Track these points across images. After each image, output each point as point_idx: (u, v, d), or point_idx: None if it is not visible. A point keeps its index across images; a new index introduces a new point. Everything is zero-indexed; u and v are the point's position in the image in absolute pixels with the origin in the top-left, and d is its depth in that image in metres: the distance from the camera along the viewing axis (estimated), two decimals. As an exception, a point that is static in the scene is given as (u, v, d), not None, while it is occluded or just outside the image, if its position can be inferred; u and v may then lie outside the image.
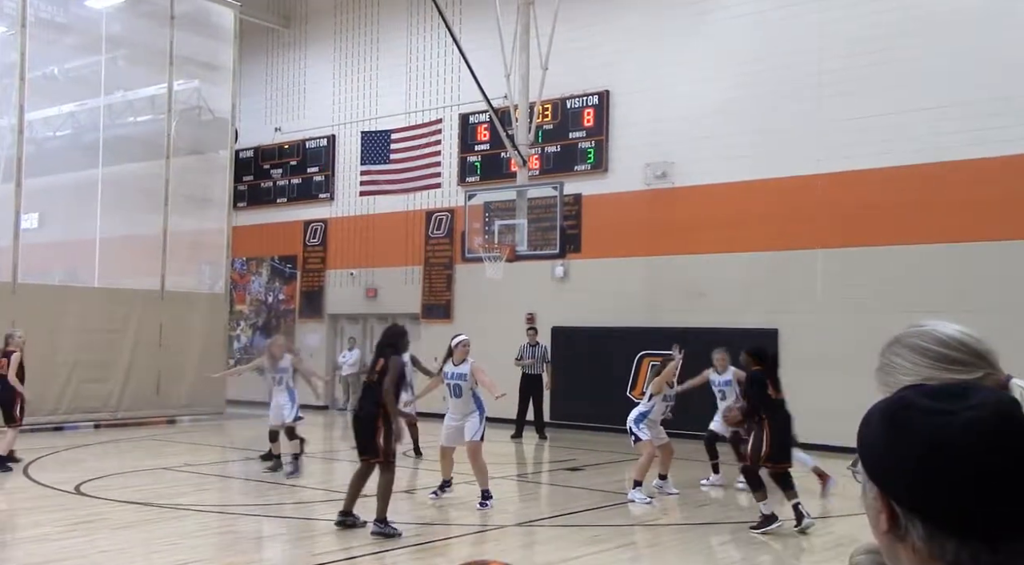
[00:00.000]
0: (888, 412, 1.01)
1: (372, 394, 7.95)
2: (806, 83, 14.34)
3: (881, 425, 1.01)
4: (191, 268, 18.70)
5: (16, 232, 15.61)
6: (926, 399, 0.99)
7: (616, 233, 16.19)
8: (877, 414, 1.03)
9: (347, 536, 8.06)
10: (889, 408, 1.02)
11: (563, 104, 16.90)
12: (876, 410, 1.03)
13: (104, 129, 17.93)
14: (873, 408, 1.04)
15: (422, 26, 18.86)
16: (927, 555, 0.97)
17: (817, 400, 13.81)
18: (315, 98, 21.03)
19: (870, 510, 1.03)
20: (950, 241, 13.03)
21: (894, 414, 1.00)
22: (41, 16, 16.98)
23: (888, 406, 1.02)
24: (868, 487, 1.03)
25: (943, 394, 1.00)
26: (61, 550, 7.03)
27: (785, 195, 14.47)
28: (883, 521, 1.00)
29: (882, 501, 1.00)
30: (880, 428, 1.01)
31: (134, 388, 16.83)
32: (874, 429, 1.02)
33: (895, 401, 1.02)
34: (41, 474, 10.69)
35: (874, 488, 1.01)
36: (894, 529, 0.99)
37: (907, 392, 1.03)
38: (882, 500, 1.00)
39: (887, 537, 1.00)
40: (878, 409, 1.03)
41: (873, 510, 1.02)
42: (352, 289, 20.13)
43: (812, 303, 14.13)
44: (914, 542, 0.97)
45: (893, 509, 0.99)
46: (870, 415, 1.04)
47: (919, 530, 0.97)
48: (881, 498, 1.00)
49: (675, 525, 8.90)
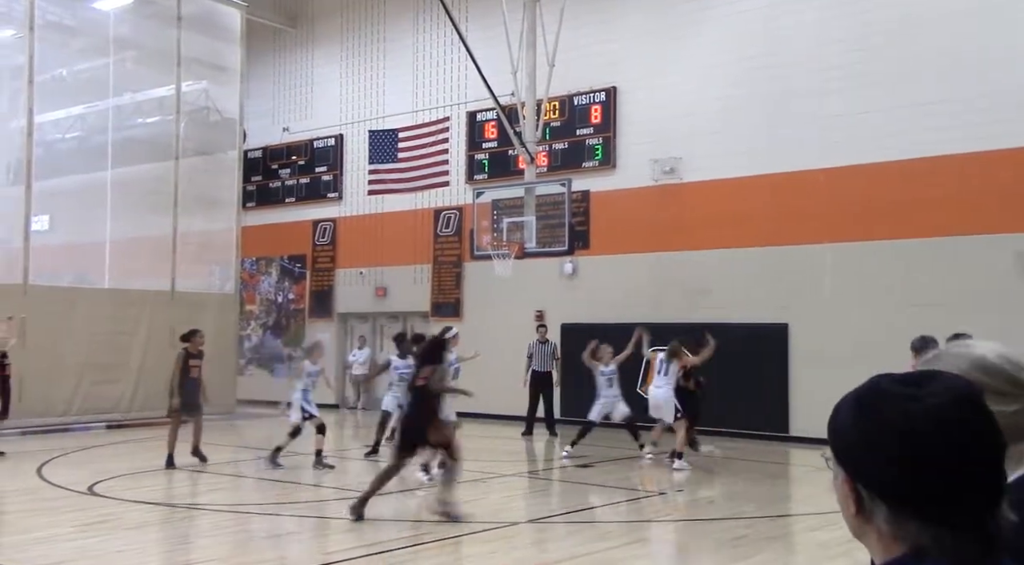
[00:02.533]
0: (857, 397, 1.04)
1: (421, 397, 8.46)
2: (813, 77, 14.29)
3: (851, 411, 1.03)
4: (201, 269, 18.76)
5: (26, 234, 15.69)
6: (894, 385, 1.02)
7: (624, 229, 16.18)
8: (849, 401, 1.05)
9: (360, 534, 8.08)
10: (860, 395, 1.04)
11: (570, 101, 16.89)
12: (848, 397, 1.06)
13: (113, 131, 17.98)
14: (846, 396, 1.06)
15: (429, 24, 18.86)
16: (891, 537, 0.99)
17: (825, 395, 13.75)
18: (322, 98, 21.06)
19: (839, 494, 1.06)
20: (959, 234, 12.97)
21: (861, 399, 1.03)
22: (49, 19, 17.04)
23: (859, 393, 1.04)
24: (837, 471, 1.05)
25: (910, 380, 1.02)
26: (75, 550, 7.06)
27: (793, 190, 14.43)
28: (851, 504, 1.03)
29: (848, 485, 1.02)
30: (850, 414, 1.03)
31: (145, 389, 16.88)
32: (844, 415, 1.04)
33: (865, 388, 1.05)
34: (54, 475, 10.74)
35: (842, 472, 1.03)
36: (861, 512, 1.02)
37: (878, 378, 1.05)
38: (848, 484, 1.02)
39: (856, 520, 1.03)
40: (850, 396, 1.06)
41: (841, 494, 1.05)
42: (361, 288, 20.16)
43: (821, 298, 14.09)
44: (879, 524, 1.00)
45: (859, 492, 1.01)
46: (842, 402, 1.06)
47: (883, 513, 0.99)
48: (848, 482, 1.02)
49: (686, 521, 8.89)
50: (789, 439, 14.14)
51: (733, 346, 14.63)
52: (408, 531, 8.25)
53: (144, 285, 17.38)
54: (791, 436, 14.17)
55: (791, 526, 8.80)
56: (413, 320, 19.46)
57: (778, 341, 14.44)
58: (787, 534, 8.41)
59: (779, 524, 8.74)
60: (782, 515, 9.30)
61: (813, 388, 14.00)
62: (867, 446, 0.99)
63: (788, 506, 10.16)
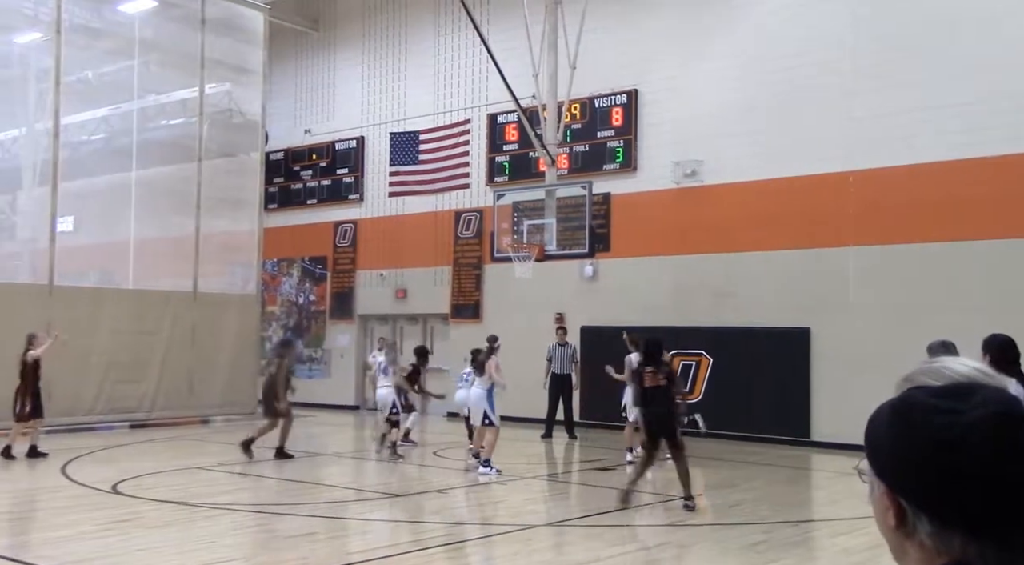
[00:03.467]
0: (896, 410, 1.03)
1: (663, 395, 9.35)
2: (837, 79, 14.19)
3: (889, 423, 1.03)
4: (223, 270, 18.89)
5: (52, 235, 15.86)
6: (933, 398, 1.01)
7: (645, 232, 16.14)
8: (885, 413, 1.05)
9: (382, 535, 8.11)
10: (897, 407, 1.04)
11: (591, 103, 16.87)
12: (884, 409, 1.05)
13: (137, 133, 18.15)
14: (881, 407, 1.06)
15: (450, 27, 18.90)
16: (934, 551, 0.99)
17: (849, 400, 13.68)
18: (344, 100, 21.16)
19: (877, 507, 1.05)
20: (986, 238, 12.83)
21: (901, 412, 1.03)
22: (76, 22, 17.23)
23: (896, 405, 1.04)
24: (875, 485, 1.04)
25: (949, 393, 1.02)
26: (99, 548, 7.13)
27: (816, 193, 14.34)
28: (890, 518, 1.02)
29: (889, 498, 1.02)
30: (887, 426, 1.03)
31: (167, 388, 17.03)
32: (881, 427, 1.04)
33: (902, 400, 1.04)
34: (78, 473, 10.85)
35: (881, 485, 1.03)
36: (902, 526, 1.01)
37: (914, 391, 1.05)
38: (889, 497, 1.02)
39: (895, 533, 1.02)
40: (886, 408, 1.05)
41: (880, 507, 1.04)
42: (382, 290, 20.23)
43: (844, 302, 13.98)
44: (921, 538, 0.99)
45: (901, 506, 1.01)
46: (877, 414, 1.06)
47: (926, 526, 0.99)
48: (888, 495, 1.02)
49: (707, 525, 8.85)
50: (811, 444, 14.04)
51: (755, 350, 14.58)
52: (429, 533, 8.27)
53: (167, 285, 17.53)
54: (813, 441, 14.07)
55: (813, 531, 8.74)
56: (433, 322, 19.50)
57: (800, 345, 14.35)
58: (808, 540, 8.36)
59: (801, 529, 8.68)
60: (804, 520, 9.24)
61: (835, 393, 13.91)
62: (909, 460, 0.99)
63: (810, 511, 10.09)
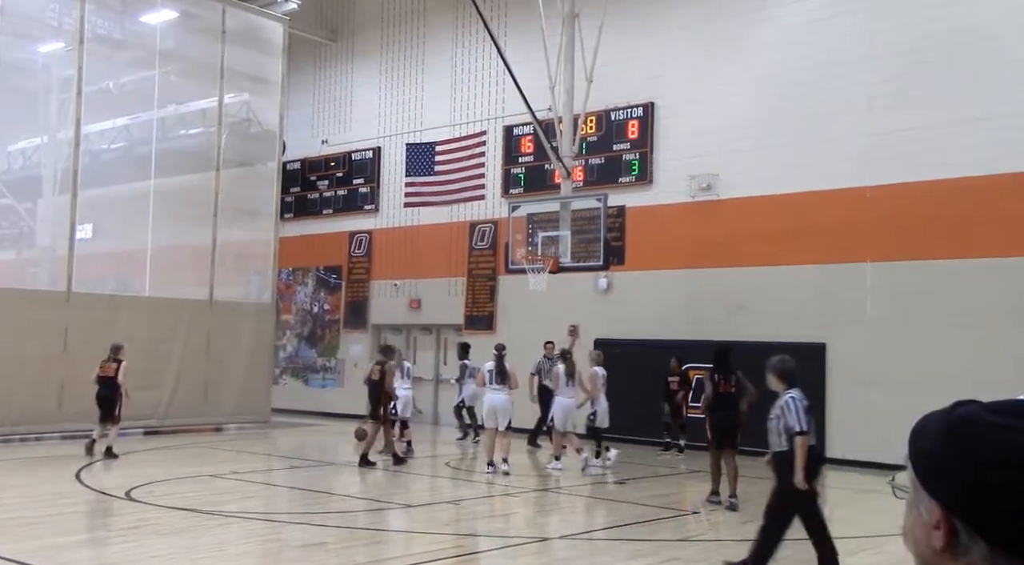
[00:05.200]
0: (952, 425, 0.97)
1: (732, 402, 10.26)
2: (852, 94, 14.16)
3: (944, 438, 0.97)
4: (239, 278, 18.99)
5: (71, 242, 16.00)
6: (992, 414, 0.96)
7: (660, 245, 16.11)
8: (938, 426, 0.98)
9: (391, 546, 8.11)
10: (953, 421, 0.98)
11: (607, 116, 16.89)
12: (935, 422, 0.99)
13: (156, 142, 18.31)
14: (929, 420, 1.00)
15: (467, 39, 18.99)
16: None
17: (864, 417, 13.59)
18: (361, 111, 21.28)
19: (921, 527, 0.98)
20: (1003, 255, 12.74)
21: (958, 427, 0.96)
22: (98, 32, 17.42)
23: (951, 419, 0.98)
24: (922, 502, 0.98)
25: (1009, 410, 0.96)
26: (113, 555, 7.17)
27: (832, 207, 14.28)
28: (937, 538, 0.96)
29: (941, 517, 0.96)
30: (943, 441, 0.97)
31: (182, 396, 17.10)
32: (935, 442, 0.97)
33: (955, 416, 0.98)
34: (93, 479, 10.91)
35: (931, 503, 0.97)
36: (951, 547, 0.95)
37: (965, 407, 0.99)
38: (941, 517, 0.96)
39: (941, 556, 0.96)
40: (938, 421, 0.99)
41: (926, 526, 0.97)
42: (396, 300, 20.28)
43: (861, 318, 13.89)
44: (973, 560, 0.93)
45: (954, 526, 0.95)
46: (926, 427, 1.00)
47: (982, 550, 0.93)
48: (939, 514, 0.96)
49: (718, 541, 8.79)
50: (825, 460, 13.90)
51: (769, 364, 14.48)
52: (440, 544, 8.25)
53: (183, 293, 17.64)
54: (828, 457, 13.95)
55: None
56: (447, 333, 19.52)
57: (816, 361, 14.25)
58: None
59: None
60: (817, 537, 9.13)
61: (850, 409, 13.81)
62: (967, 480, 0.94)
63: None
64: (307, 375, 21.92)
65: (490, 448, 12.20)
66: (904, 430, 1.04)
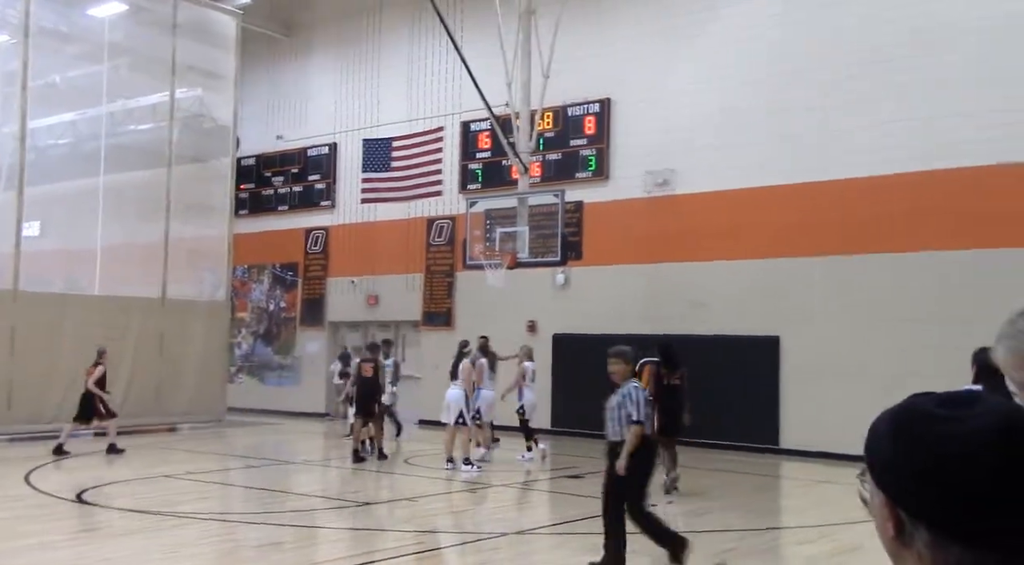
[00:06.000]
0: (896, 419, 1.01)
1: (676, 394, 10.69)
2: (808, 91, 14.37)
3: (889, 432, 1.01)
4: (192, 276, 18.71)
5: (17, 239, 15.63)
6: (934, 406, 1.00)
7: (617, 241, 16.21)
8: (886, 421, 1.03)
9: (349, 543, 8.06)
10: (897, 415, 1.02)
11: (564, 112, 16.94)
12: (885, 417, 1.03)
13: (106, 137, 17.96)
14: (882, 415, 1.04)
15: (424, 34, 18.88)
16: (931, 561, 0.97)
17: (817, 408, 13.82)
18: (317, 106, 21.07)
19: (877, 517, 1.03)
20: (949, 248, 13.03)
21: (902, 421, 1.01)
22: (44, 25, 17.01)
23: (897, 413, 1.02)
24: (875, 494, 1.02)
25: (951, 401, 1.00)
26: (63, 559, 7.02)
27: (784, 203, 14.49)
28: (889, 528, 1.00)
29: (888, 508, 1.00)
30: (887, 435, 1.01)
31: (135, 396, 16.79)
32: (882, 436, 1.02)
33: (903, 408, 1.02)
34: (42, 482, 10.67)
35: (880, 495, 1.01)
36: (900, 536, 0.99)
37: (915, 398, 1.03)
38: (888, 507, 1.00)
39: (894, 543, 1.01)
40: (887, 416, 1.03)
41: (880, 517, 1.02)
42: (353, 297, 20.14)
43: (812, 311, 14.13)
44: (919, 549, 0.97)
45: (899, 516, 0.99)
46: (879, 422, 1.04)
47: (924, 536, 0.97)
48: (887, 505, 1.00)
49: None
50: (780, 451, 14.15)
51: (725, 358, 14.67)
52: (398, 541, 8.22)
53: (134, 291, 17.32)
54: (781, 449, 14.19)
55: (780, 539, 8.80)
56: (405, 329, 19.45)
57: (770, 353, 14.47)
58: (776, 547, 8.42)
59: (768, 537, 8.74)
60: (771, 528, 9.30)
61: (804, 401, 14.04)
62: (907, 469, 0.98)
63: (778, 519, 10.17)
64: (263, 373, 21.68)
65: (449, 444, 12.22)
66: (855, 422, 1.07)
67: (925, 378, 12.61)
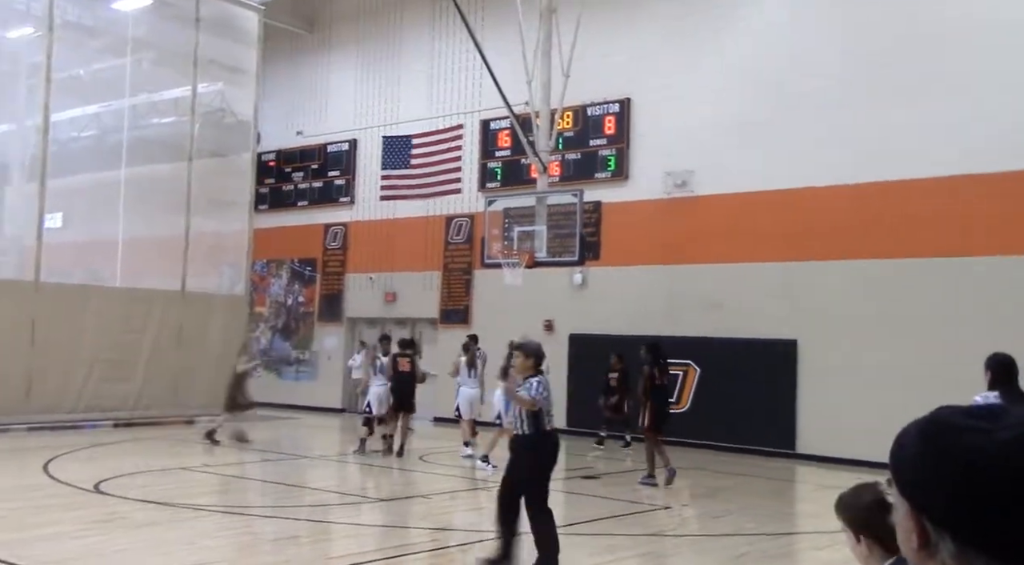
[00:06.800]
0: (924, 430, 1.02)
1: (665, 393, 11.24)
2: (830, 92, 14.26)
3: (916, 443, 1.01)
4: (212, 269, 18.82)
5: (39, 231, 15.76)
6: (962, 418, 1.00)
7: (635, 241, 16.17)
8: (913, 432, 1.03)
9: (362, 539, 8.08)
10: (925, 426, 1.02)
11: (584, 111, 16.90)
12: (912, 428, 1.04)
13: (128, 130, 18.09)
14: (909, 426, 1.04)
15: (445, 32, 18.91)
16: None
17: (834, 413, 13.73)
18: (337, 102, 21.13)
19: (901, 528, 1.03)
20: (975, 254, 12.90)
21: (929, 432, 1.01)
22: (68, 18, 17.15)
23: (924, 424, 1.02)
24: (899, 504, 1.03)
25: (979, 413, 1.00)
26: (80, 548, 7.08)
27: (806, 205, 14.39)
28: (914, 539, 1.00)
29: (913, 519, 1.00)
30: (915, 445, 1.01)
31: (153, 388, 16.93)
32: (909, 447, 1.02)
33: (930, 419, 1.03)
34: (60, 472, 10.77)
35: (905, 505, 1.01)
36: (925, 547, 0.99)
37: (942, 410, 1.03)
38: (913, 518, 1.00)
39: (918, 555, 1.01)
40: (914, 427, 1.03)
41: (904, 528, 1.02)
42: (371, 293, 20.19)
43: (831, 315, 14.03)
44: (945, 559, 0.98)
45: (924, 527, 0.99)
46: (905, 433, 1.04)
47: (950, 547, 0.97)
48: (912, 516, 1.00)
49: (691, 536, 8.86)
50: (796, 456, 14.07)
51: (742, 361, 14.61)
52: (413, 538, 8.24)
53: (155, 284, 17.45)
54: (798, 453, 14.11)
55: (795, 544, 8.76)
56: (422, 326, 19.47)
57: (787, 357, 14.39)
58: (790, 553, 8.38)
59: (782, 542, 8.70)
60: (786, 533, 9.26)
61: (821, 406, 13.95)
62: (933, 480, 0.98)
63: (792, 524, 10.12)
64: (280, 368, 21.78)
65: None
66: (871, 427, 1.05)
67: (942, 383, 12.52)
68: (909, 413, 1.13)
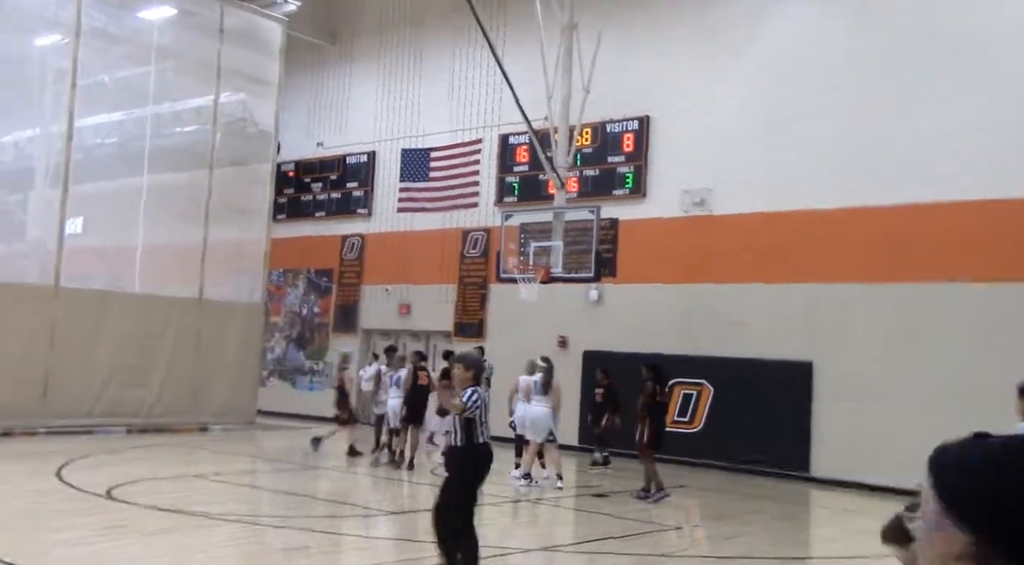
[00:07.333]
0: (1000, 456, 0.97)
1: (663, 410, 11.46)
2: (848, 114, 14.21)
3: (989, 469, 0.96)
4: (229, 278, 18.91)
5: (60, 236, 15.91)
6: (1002, 442, 0.96)
7: (652, 259, 16.14)
8: (980, 459, 0.98)
9: (373, 552, 8.07)
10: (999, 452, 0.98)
11: (603, 128, 16.92)
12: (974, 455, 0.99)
13: (150, 138, 18.24)
14: (952, 450, 1.00)
15: (466, 46, 18.99)
16: None
17: (849, 436, 13.61)
18: (357, 114, 21.26)
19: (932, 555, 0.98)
20: (990, 280, 12.79)
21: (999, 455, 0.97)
22: (95, 26, 17.34)
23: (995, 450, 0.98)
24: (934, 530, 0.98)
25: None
26: (91, 554, 7.11)
27: (824, 227, 14.33)
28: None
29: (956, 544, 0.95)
30: (995, 470, 0.96)
31: (169, 394, 17.01)
32: (982, 471, 0.97)
33: (1004, 445, 0.98)
34: (74, 477, 10.82)
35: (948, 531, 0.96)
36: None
37: (1013, 438, 0.99)
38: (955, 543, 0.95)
39: None
40: (979, 454, 0.98)
41: (944, 557, 0.96)
42: (386, 305, 20.23)
43: (848, 337, 13.93)
44: None
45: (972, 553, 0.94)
46: (965, 460, 0.99)
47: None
48: (953, 539, 0.95)
49: (702, 557, 8.79)
50: (810, 479, 13.95)
51: (757, 381, 14.52)
52: (423, 552, 8.21)
53: (173, 291, 17.56)
54: (812, 477, 13.99)
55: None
56: (436, 339, 19.48)
57: (802, 379, 14.29)
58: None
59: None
60: (798, 558, 9.17)
61: (836, 429, 13.84)
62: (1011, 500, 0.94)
63: (805, 548, 10.02)
64: (295, 377, 21.84)
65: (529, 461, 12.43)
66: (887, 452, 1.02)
67: (960, 408, 12.38)
68: (925, 438, 1.10)
